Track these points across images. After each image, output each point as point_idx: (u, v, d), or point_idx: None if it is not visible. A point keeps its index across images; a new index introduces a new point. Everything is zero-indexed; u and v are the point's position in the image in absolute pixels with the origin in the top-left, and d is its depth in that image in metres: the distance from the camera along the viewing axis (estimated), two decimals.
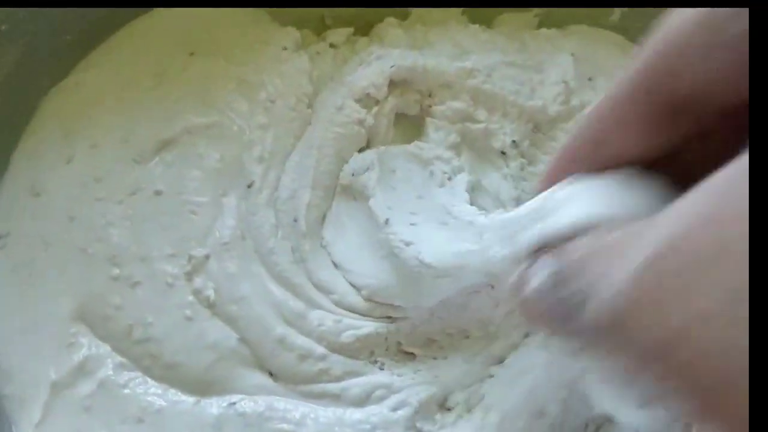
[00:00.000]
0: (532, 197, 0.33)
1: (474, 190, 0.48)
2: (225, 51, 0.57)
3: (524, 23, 0.59)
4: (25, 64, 0.55)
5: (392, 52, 0.54)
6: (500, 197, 0.49)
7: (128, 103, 0.55)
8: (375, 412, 0.45)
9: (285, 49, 0.56)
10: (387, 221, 0.46)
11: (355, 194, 0.50)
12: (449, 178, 0.47)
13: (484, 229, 0.40)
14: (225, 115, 0.53)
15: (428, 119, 0.52)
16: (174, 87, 0.55)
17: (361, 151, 0.51)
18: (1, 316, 0.50)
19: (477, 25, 0.58)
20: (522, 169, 0.50)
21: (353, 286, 0.48)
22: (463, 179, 0.47)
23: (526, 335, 0.46)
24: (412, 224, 0.45)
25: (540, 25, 0.60)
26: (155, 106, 0.54)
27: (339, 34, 0.58)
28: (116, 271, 0.49)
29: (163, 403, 0.47)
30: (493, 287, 0.45)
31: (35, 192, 0.52)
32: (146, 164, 0.52)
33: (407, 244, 0.44)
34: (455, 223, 0.44)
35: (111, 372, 0.48)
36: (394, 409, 0.45)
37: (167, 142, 0.52)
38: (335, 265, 0.49)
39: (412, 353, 0.47)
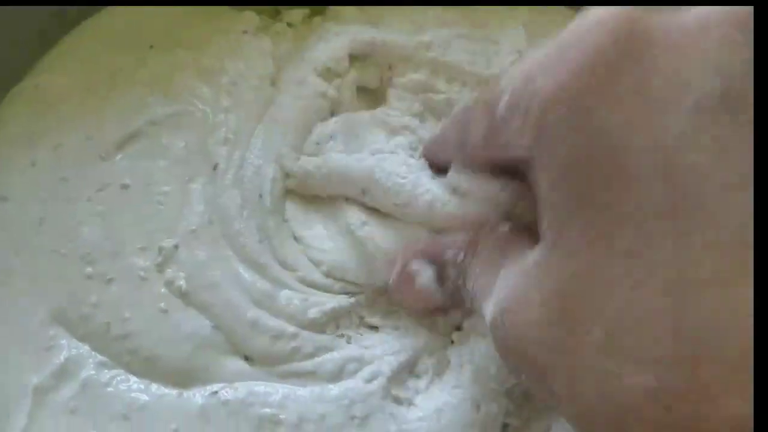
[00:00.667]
0: None
1: None
2: (184, 41, 0.57)
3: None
4: None
5: (350, 27, 0.56)
6: None
7: (90, 102, 0.55)
8: (351, 386, 0.45)
9: (245, 32, 0.57)
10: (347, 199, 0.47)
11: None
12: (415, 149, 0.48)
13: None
14: (188, 103, 0.54)
15: (390, 89, 0.53)
16: (135, 81, 0.55)
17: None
18: None
19: (431, 6, 0.60)
20: None
21: (312, 261, 0.49)
22: None
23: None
24: None
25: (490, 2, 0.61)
26: (117, 101, 0.55)
27: (295, 15, 0.60)
28: (89, 269, 0.49)
29: (147, 398, 0.47)
30: None
31: (2, 197, 0.53)
32: (111, 159, 0.52)
33: (363, 223, 0.45)
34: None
35: (93, 371, 0.48)
36: (369, 380, 0.45)
37: (131, 136, 0.53)
38: (297, 239, 0.50)
39: (374, 326, 0.48)
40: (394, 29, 0.57)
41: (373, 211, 0.48)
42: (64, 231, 0.51)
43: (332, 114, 0.53)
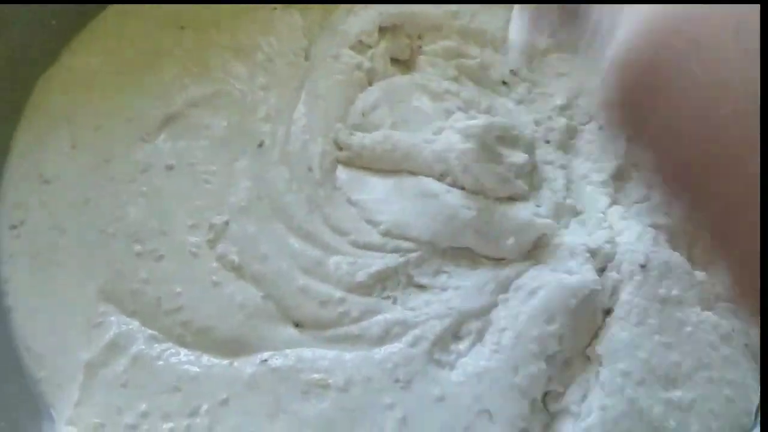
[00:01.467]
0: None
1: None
2: (215, 20, 0.60)
3: None
4: (13, 54, 0.58)
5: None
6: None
7: (125, 83, 0.58)
8: (395, 350, 0.48)
9: (275, 8, 0.60)
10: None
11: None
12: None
13: None
14: (225, 83, 0.57)
15: (422, 57, 0.57)
16: (169, 62, 0.58)
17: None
18: (27, 304, 0.52)
19: None
20: (529, 92, 0.55)
21: (369, 222, 0.52)
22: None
23: (534, 262, 0.51)
24: None
25: None
26: (153, 82, 0.57)
27: None
28: (138, 247, 0.52)
29: (198, 369, 0.50)
30: None
31: (44, 179, 0.55)
32: (153, 141, 0.55)
33: (447, 191, 0.49)
34: None
35: (143, 346, 0.50)
36: (412, 345, 0.48)
37: (171, 117, 0.56)
38: (352, 204, 0.53)
39: (422, 285, 0.51)
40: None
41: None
42: (109, 211, 0.53)
43: (370, 84, 0.57)
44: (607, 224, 0.51)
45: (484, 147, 0.50)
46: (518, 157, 0.51)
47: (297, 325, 0.50)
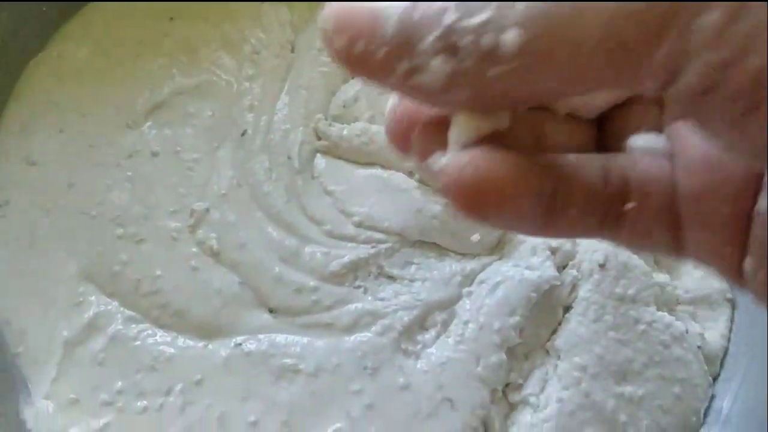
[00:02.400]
0: None
1: None
2: (204, 12, 0.63)
3: None
4: (2, 39, 0.60)
5: None
6: None
7: (114, 71, 0.61)
8: (364, 339, 0.52)
9: (263, 2, 0.63)
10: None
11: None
12: None
13: None
14: (212, 73, 0.60)
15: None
16: (158, 52, 0.61)
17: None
18: (9, 281, 0.55)
19: None
20: None
21: (343, 213, 0.56)
22: None
23: (498, 257, 0.54)
24: None
25: None
26: (142, 71, 0.60)
27: None
28: (120, 230, 0.55)
29: (173, 351, 0.53)
30: None
31: (31, 161, 0.58)
32: (139, 128, 0.58)
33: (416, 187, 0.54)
34: None
35: (121, 326, 0.53)
36: (381, 334, 0.52)
37: (158, 105, 0.59)
38: (328, 193, 0.56)
39: (392, 276, 0.54)
40: None
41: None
42: (93, 194, 0.56)
43: (352, 77, 0.60)
44: None
45: None
46: None
47: (271, 311, 0.53)
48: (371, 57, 0.23)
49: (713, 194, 0.26)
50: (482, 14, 0.21)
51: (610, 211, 0.27)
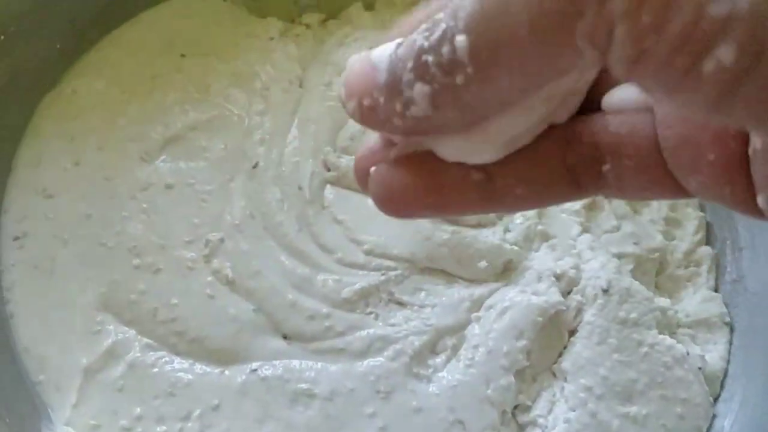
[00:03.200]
0: None
1: None
2: (215, 49, 0.67)
3: None
4: (19, 73, 0.63)
5: (368, 34, 0.66)
6: None
7: (128, 106, 0.64)
8: (377, 363, 0.54)
9: (272, 39, 0.67)
10: None
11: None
12: None
13: None
14: (224, 108, 0.64)
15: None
16: (170, 88, 0.64)
17: None
18: (29, 310, 0.58)
19: None
20: None
21: (354, 242, 0.59)
22: None
23: (505, 283, 0.57)
24: None
25: None
26: (155, 106, 0.63)
27: (312, 17, 0.71)
28: (137, 260, 0.58)
29: (191, 377, 0.55)
30: None
31: (47, 194, 0.61)
32: (154, 161, 0.62)
33: None
34: None
35: (139, 354, 0.56)
36: (393, 359, 0.54)
37: (171, 139, 0.62)
38: (338, 222, 0.59)
39: (402, 302, 0.57)
40: None
41: None
42: (110, 226, 0.59)
43: None
44: (575, 251, 0.58)
45: None
46: None
47: (285, 337, 0.56)
48: (376, 109, 0.26)
49: (694, 143, 0.26)
50: (439, 27, 0.23)
51: (584, 176, 0.29)
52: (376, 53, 0.26)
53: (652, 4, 0.19)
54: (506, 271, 0.57)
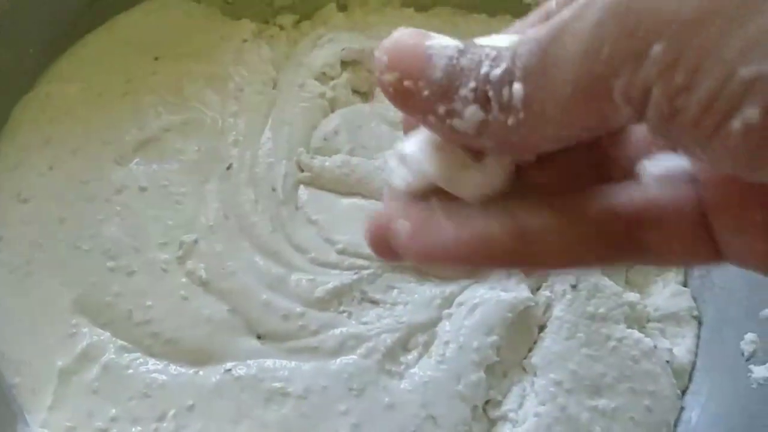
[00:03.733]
0: None
1: None
2: (189, 52, 0.68)
3: (456, 9, 0.74)
4: None
5: (341, 35, 0.68)
6: None
7: (102, 109, 0.65)
8: (350, 361, 0.56)
9: (245, 41, 0.69)
10: None
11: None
12: None
13: None
14: (198, 110, 0.65)
15: (379, 89, 0.65)
16: (145, 90, 0.66)
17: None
18: (3, 314, 0.59)
19: (411, 9, 0.72)
20: None
21: (327, 241, 0.60)
22: None
23: (476, 279, 0.58)
24: None
25: (471, 11, 0.73)
26: (129, 109, 0.65)
27: (286, 18, 0.73)
28: (112, 263, 0.59)
29: (165, 378, 0.56)
30: None
31: (22, 198, 0.62)
32: (128, 164, 0.63)
33: None
34: None
35: (113, 355, 0.57)
36: (366, 356, 0.56)
37: (145, 142, 0.63)
38: (312, 223, 0.61)
39: (374, 300, 0.58)
40: (380, 35, 0.69)
41: None
42: (85, 229, 0.60)
43: (332, 112, 0.66)
44: None
45: None
46: None
47: (259, 337, 0.57)
48: (416, 96, 0.27)
49: (741, 203, 0.27)
50: (501, 66, 0.25)
51: (624, 242, 0.28)
52: (434, 44, 0.27)
53: (685, 65, 0.21)
54: None
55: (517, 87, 0.25)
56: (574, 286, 0.56)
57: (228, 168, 0.62)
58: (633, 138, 0.31)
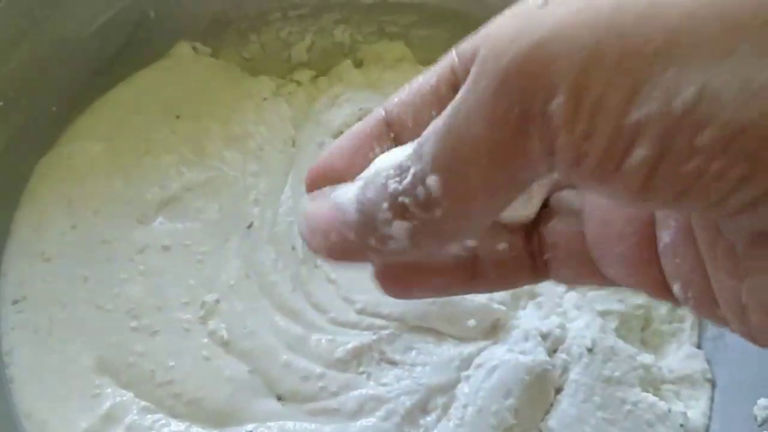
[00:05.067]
0: None
1: None
2: (209, 110, 0.72)
3: None
4: (16, 138, 0.68)
5: (358, 94, 0.72)
6: None
7: (124, 169, 0.68)
8: (369, 424, 0.59)
9: (265, 99, 0.72)
10: None
11: None
12: None
13: None
14: (219, 170, 0.69)
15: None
16: (166, 149, 0.69)
17: None
18: (27, 374, 0.62)
19: (424, 66, 0.76)
20: None
21: (346, 301, 0.63)
22: None
23: (493, 341, 0.61)
24: None
25: None
26: (151, 168, 0.68)
27: (303, 74, 0.76)
28: (134, 323, 0.62)
29: None
30: None
31: (45, 258, 0.65)
32: (150, 223, 0.66)
33: None
34: None
35: (136, 416, 0.60)
36: (385, 419, 0.59)
37: (167, 201, 0.67)
38: (330, 282, 0.64)
39: (393, 361, 0.61)
40: (395, 92, 0.72)
41: None
42: (107, 288, 0.64)
43: None
44: (561, 309, 0.62)
45: None
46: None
47: (280, 398, 0.60)
48: (345, 244, 0.30)
49: (610, 239, 0.33)
50: (410, 171, 0.28)
51: (538, 263, 0.36)
52: (339, 195, 0.31)
53: (584, 114, 0.23)
54: (494, 329, 0.62)
55: (432, 179, 0.27)
56: (590, 350, 0.58)
57: (249, 227, 0.65)
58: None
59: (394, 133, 0.35)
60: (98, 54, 0.72)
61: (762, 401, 0.54)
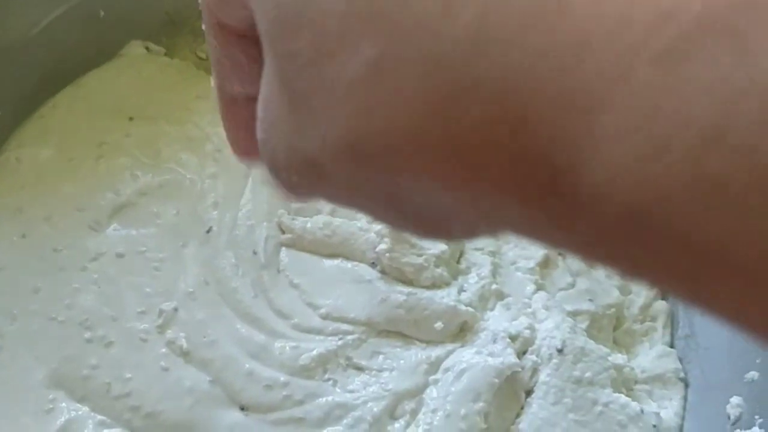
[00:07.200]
0: None
1: None
2: (164, 111, 0.72)
3: None
4: None
5: None
6: None
7: (75, 174, 0.69)
8: None
9: None
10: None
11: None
12: None
13: None
14: (176, 172, 0.69)
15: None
16: (119, 153, 0.70)
17: None
18: None
19: None
20: None
21: (310, 306, 0.64)
22: None
23: (461, 344, 0.63)
24: None
25: None
26: (103, 173, 0.69)
27: None
28: (89, 334, 0.62)
29: None
30: None
31: None
32: (103, 230, 0.66)
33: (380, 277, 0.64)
34: None
35: (92, 431, 0.60)
36: (352, 426, 0.60)
37: (121, 207, 0.67)
38: (294, 287, 0.65)
39: (360, 367, 0.62)
40: None
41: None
42: (60, 299, 0.64)
43: None
44: (530, 310, 0.64)
45: (398, 239, 0.63)
46: (436, 248, 0.64)
47: (243, 408, 0.61)
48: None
49: None
50: None
51: None
52: None
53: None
54: (462, 331, 0.63)
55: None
56: (560, 351, 0.60)
57: (207, 231, 0.66)
58: None
59: None
60: (45, 55, 0.72)
61: (735, 399, 0.56)
